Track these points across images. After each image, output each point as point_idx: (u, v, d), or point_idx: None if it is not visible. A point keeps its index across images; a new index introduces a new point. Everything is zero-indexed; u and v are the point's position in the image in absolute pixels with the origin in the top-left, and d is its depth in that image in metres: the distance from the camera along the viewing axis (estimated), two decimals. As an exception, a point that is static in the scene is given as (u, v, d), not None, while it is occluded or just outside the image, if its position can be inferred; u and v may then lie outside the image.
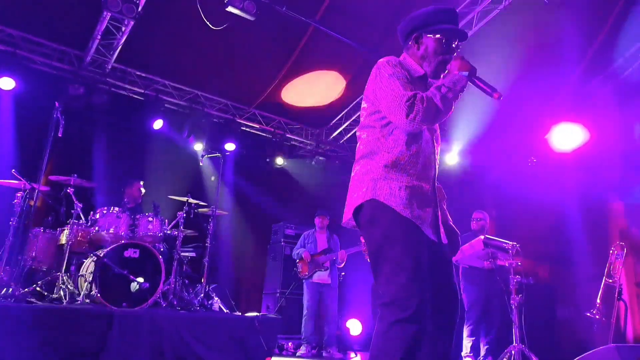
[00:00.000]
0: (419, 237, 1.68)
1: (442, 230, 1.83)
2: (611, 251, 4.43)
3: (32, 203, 3.97)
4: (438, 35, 1.87)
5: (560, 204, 5.94)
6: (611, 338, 4.09)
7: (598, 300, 4.24)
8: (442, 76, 1.85)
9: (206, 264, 4.91)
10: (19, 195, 4.05)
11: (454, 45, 1.88)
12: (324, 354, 5.40)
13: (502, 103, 5.96)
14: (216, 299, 4.89)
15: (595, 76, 5.72)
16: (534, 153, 6.61)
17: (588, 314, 4.21)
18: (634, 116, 5.50)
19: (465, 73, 1.78)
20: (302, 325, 5.50)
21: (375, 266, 1.69)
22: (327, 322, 5.48)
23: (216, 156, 5.37)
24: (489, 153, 6.90)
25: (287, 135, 7.32)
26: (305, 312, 5.52)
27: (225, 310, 4.77)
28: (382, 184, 1.73)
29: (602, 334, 4.22)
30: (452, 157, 6.99)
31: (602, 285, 4.33)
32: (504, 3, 4.86)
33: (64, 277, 3.90)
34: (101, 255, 3.99)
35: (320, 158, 7.50)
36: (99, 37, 5.20)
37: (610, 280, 4.30)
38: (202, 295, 4.67)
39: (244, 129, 6.96)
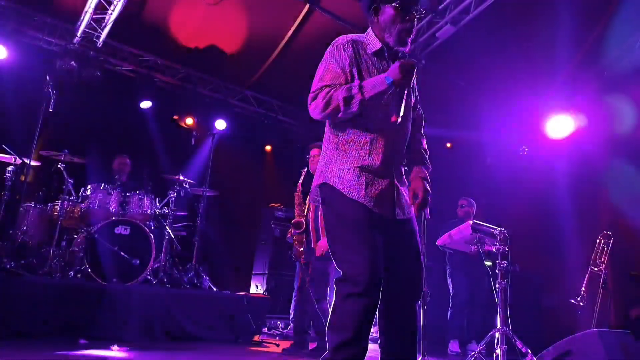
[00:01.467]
0: (368, 217, 1.74)
1: (402, 207, 1.83)
2: (598, 240, 4.48)
3: (23, 178, 3.97)
4: (394, 3, 1.82)
5: (550, 192, 6.02)
6: (594, 324, 4.14)
7: (583, 288, 4.27)
8: (408, 42, 1.86)
9: (196, 243, 4.96)
10: (9, 169, 4.03)
11: (413, 11, 1.82)
12: (311, 334, 5.49)
13: (495, 90, 6.00)
14: (206, 277, 4.95)
15: (590, 66, 5.77)
16: (525, 141, 6.67)
17: (572, 301, 4.24)
18: (625, 106, 5.56)
19: (391, 80, 1.71)
20: (292, 306, 5.57)
21: (331, 246, 1.81)
22: (317, 301, 5.55)
23: (207, 136, 5.37)
24: (480, 140, 6.98)
25: (279, 118, 7.31)
26: (295, 293, 5.58)
27: (214, 289, 4.84)
28: (332, 167, 1.83)
29: (586, 321, 4.30)
30: (443, 143, 7.07)
31: (587, 273, 4.38)
32: (503, -12, 4.84)
33: (55, 252, 3.92)
34: (92, 231, 4.02)
35: (311, 141, 7.50)
36: (90, 11, 5.11)
37: (596, 269, 4.33)
38: (191, 273, 4.72)
39: (236, 109, 6.93)
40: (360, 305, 1.66)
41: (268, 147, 7.45)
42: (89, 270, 3.90)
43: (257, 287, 6.54)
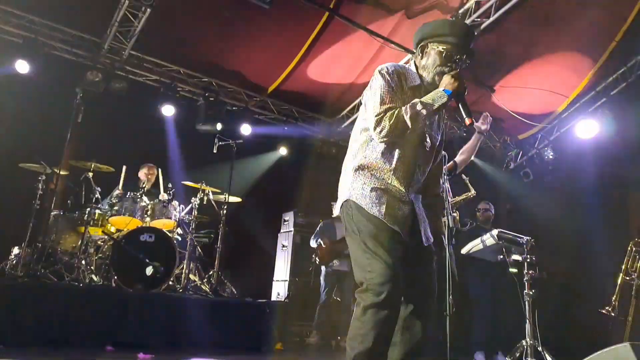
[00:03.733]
0: (389, 233, 1.79)
1: (423, 233, 1.90)
2: (629, 247, 4.30)
3: (52, 186, 4.09)
4: (441, 48, 1.90)
5: (578, 197, 5.84)
6: (627, 336, 4.00)
7: (614, 298, 4.11)
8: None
9: (218, 249, 5.01)
10: (40, 178, 4.17)
11: (456, 59, 1.89)
12: (333, 343, 5.45)
13: (518, 91, 5.87)
14: (228, 284, 4.99)
15: (617, 67, 5.62)
16: (550, 144, 6.52)
17: (603, 311, 4.09)
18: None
19: (449, 91, 1.81)
20: (316, 312, 5.52)
21: (354, 258, 1.85)
22: (343, 310, 5.49)
23: (229, 143, 5.44)
24: (504, 144, 6.86)
25: (299, 124, 7.35)
26: (322, 299, 5.52)
27: (236, 296, 4.87)
28: (357, 185, 1.87)
29: (618, 333, 4.13)
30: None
31: (619, 282, 4.20)
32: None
33: (83, 259, 4.02)
34: (118, 239, 4.10)
35: (331, 148, 7.53)
36: (116, 24, 5.27)
37: (628, 278, 4.17)
38: (214, 280, 4.77)
39: (257, 116, 7.01)
40: (381, 315, 1.69)
41: (287, 153, 7.52)
42: (115, 277, 3.98)
43: (278, 294, 6.55)
